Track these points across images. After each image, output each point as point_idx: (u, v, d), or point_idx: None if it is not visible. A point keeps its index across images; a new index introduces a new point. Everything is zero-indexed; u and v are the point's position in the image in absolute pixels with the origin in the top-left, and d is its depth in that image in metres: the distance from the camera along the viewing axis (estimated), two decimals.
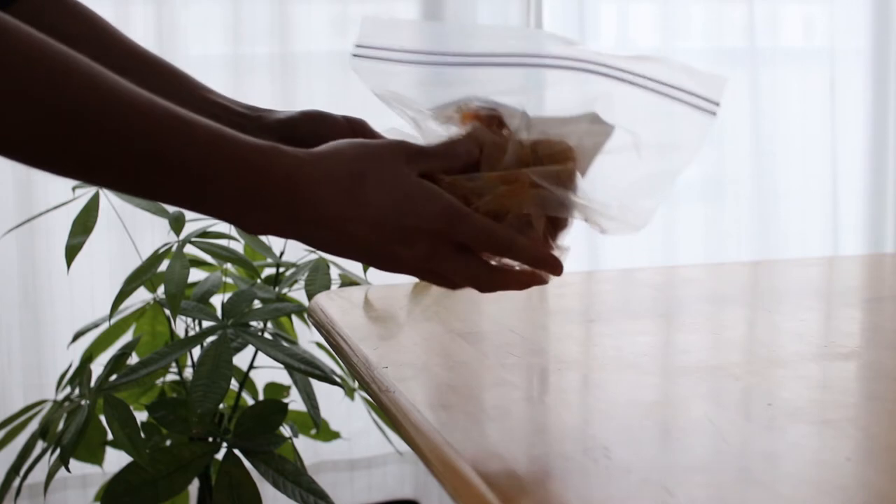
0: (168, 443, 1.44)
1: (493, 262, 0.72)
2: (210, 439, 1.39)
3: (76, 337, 1.55)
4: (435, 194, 0.69)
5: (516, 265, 0.73)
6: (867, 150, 2.59)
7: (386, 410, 0.67)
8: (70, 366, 1.52)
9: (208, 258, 1.52)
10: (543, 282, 0.74)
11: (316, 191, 0.67)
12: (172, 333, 1.50)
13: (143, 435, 1.35)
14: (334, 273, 1.44)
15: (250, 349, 1.42)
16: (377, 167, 0.68)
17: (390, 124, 0.77)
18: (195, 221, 1.49)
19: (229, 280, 1.48)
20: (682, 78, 0.72)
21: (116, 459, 1.53)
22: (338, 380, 1.37)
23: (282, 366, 1.35)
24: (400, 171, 0.69)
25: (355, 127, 0.82)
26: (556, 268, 0.73)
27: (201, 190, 0.65)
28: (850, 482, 0.53)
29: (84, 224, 1.41)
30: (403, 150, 0.70)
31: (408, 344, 0.83)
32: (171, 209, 1.47)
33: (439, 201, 0.69)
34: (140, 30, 2.03)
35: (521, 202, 0.71)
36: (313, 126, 0.81)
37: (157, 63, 0.87)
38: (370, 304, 0.98)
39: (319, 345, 1.67)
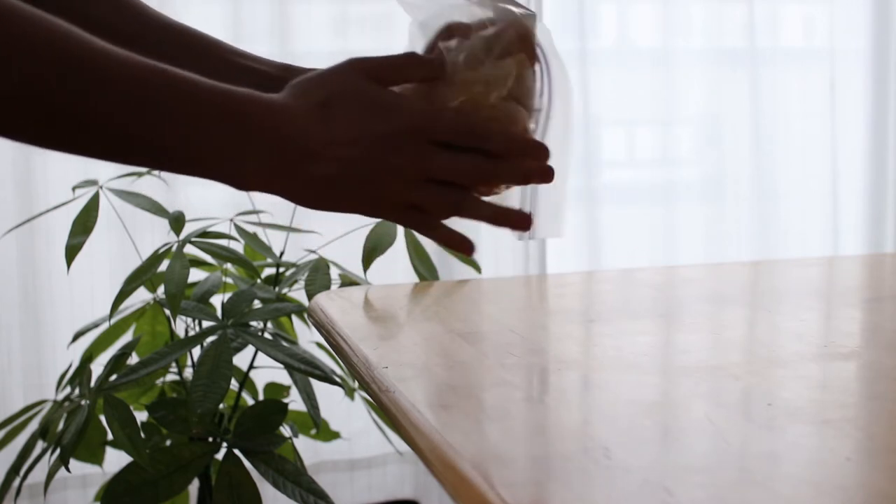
0: (168, 443, 1.44)
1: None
2: (210, 439, 1.39)
3: (76, 337, 1.55)
4: (402, 98, 0.72)
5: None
6: (867, 150, 2.59)
7: (386, 410, 0.67)
8: (70, 366, 1.52)
9: (208, 258, 1.52)
10: (541, 177, 0.76)
11: (295, 125, 0.69)
12: (172, 333, 1.50)
13: (143, 435, 1.35)
14: (334, 273, 1.44)
15: (250, 349, 1.42)
16: (339, 89, 0.71)
17: None
18: (195, 221, 1.49)
19: (229, 280, 1.48)
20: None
21: (116, 459, 1.53)
22: (338, 380, 1.37)
23: (282, 366, 1.35)
24: (361, 85, 0.71)
25: None
26: (540, 151, 0.75)
27: (193, 144, 0.67)
28: (850, 482, 0.53)
29: (84, 224, 1.41)
30: (360, 66, 0.72)
31: (408, 344, 0.83)
32: (172, 209, 1.47)
33: (409, 102, 0.72)
34: None
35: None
36: None
37: (185, 33, 0.88)
38: (370, 304, 0.98)
39: (319, 345, 1.67)
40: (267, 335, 1.40)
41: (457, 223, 0.78)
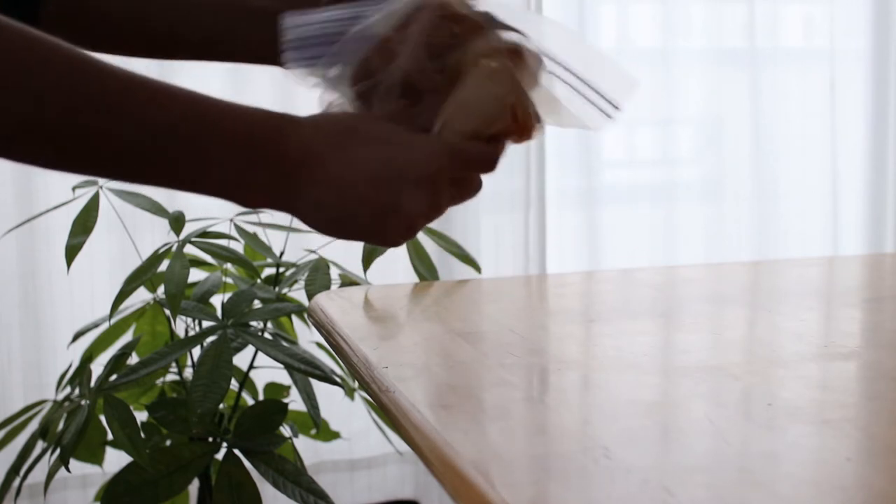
0: (168, 443, 1.44)
1: None
2: (210, 439, 1.39)
3: (76, 337, 1.55)
4: (424, 141, 0.70)
5: None
6: (867, 150, 2.59)
7: (386, 410, 0.67)
8: (70, 366, 1.52)
9: (208, 258, 1.52)
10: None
11: (314, 152, 0.68)
12: (172, 333, 1.50)
13: (143, 435, 1.35)
14: (334, 273, 1.44)
15: (250, 349, 1.42)
16: (365, 122, 0.70)
17: None
18: (195, 221, 1.49)
19: (229, 280, 1.48)
20: (595, 74, 0.73)
21: (116, 459, 1.53)
22: (338, 380, 1.37)
23: (282, 366, 1.35)
24: (386, 125, 0.70)
25: None
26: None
27: (204, 166, 0.67)
28: (850, 482, 0.53)
29: (84, 224, 1.41)
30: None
31: (408, 344, 0.83)
32: (172, 209, 1.47)
33: (430, 146, 0.70)
34: None
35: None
36: None
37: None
38: (370, 304, 0.98)
39: (319, 345, 1.67)
40: (267, 335, 1.40)
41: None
